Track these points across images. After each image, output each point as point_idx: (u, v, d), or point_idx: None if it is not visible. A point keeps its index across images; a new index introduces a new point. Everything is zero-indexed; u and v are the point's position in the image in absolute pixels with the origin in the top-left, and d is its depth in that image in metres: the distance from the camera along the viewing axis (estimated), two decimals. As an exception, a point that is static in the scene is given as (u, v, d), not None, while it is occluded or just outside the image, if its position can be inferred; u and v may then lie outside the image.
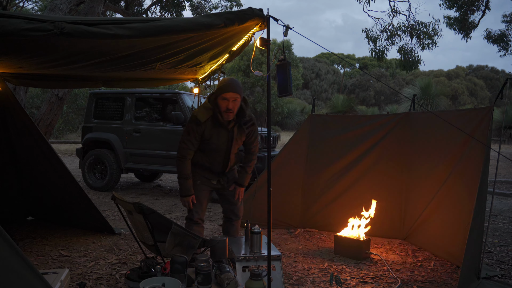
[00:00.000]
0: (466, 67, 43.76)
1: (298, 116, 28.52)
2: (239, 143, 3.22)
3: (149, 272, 2.64)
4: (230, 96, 2.95)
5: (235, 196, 3.34)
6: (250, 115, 3.21)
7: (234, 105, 2.98)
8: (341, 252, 3.96)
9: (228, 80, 3.05)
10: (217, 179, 3.28)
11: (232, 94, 2.95)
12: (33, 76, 3.82)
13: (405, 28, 9.04)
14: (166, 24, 2.24)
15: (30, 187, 4.73)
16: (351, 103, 23.96)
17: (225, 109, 2.97)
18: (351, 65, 43.54)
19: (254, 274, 2.55)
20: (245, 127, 3.16)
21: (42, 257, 3.69)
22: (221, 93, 2.96)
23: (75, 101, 18.57)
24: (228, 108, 2.96)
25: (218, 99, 2.99)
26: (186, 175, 3.12)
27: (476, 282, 3.02)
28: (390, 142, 4.63)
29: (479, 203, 3.05)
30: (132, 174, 8.87)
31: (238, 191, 3.34)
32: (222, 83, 3.03)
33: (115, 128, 7.34)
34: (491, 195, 3.57)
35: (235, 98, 2.97)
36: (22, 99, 6.50)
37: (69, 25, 2.07)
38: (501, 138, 3.82)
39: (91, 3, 6.69)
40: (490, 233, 4.85)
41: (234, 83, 3.01)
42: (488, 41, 11.98)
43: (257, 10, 2.42)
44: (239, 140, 3.20)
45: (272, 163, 4.80)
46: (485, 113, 3.46)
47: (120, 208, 3.21)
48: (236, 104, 3.00)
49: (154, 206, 6.05)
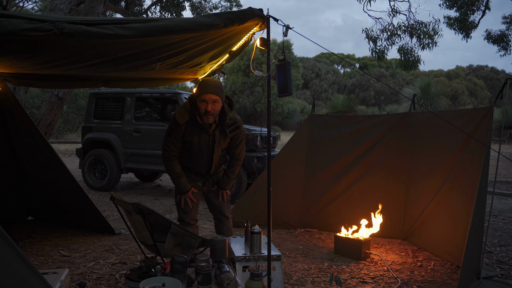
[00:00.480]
0: (466, 67, 43.77)
1: (298, 116, 28.51)
2: (222, 146, 3.13)
3: (149, 272, 2.64)
4: (208, 98, 2.82)
5: (218, 198, 3.30)
6: (234, 118, 3.10)
7: (213, 107, 2.85)
8: (341, 252, 3.96)
9: (208, 80, 2.93)
10: (202, 181, 3.25)
11: (211, 95, 2.82)
12: (33, 76, 3.82)
13: (405, 28, 9.04)
14: (166, 24, 2.23)
15: (30, 187, 4.73)
16: (351, 103, 23.95)
17: (204, 111, 2.85)
18: (351, 65, 43.55)
19: (254, 274, 2.54)
20: (228, 130, 3.05)
21: (42, 257, 3.69)
22: (200, 95, 2.85)
23: (75, 101, 18.57)
24: (207, 110, 2.84)
25: (197, 101, 2.88)
26: (178, 174, 3.08)
27: (476, 282, 3.02)
28: (390, 142, 4.63)
29: (479, 203, 3.05)
30: (132, 174, 8.87)
31: (220, 193, 3.30)
32: (202, 84, 2.90)
33: (115, 128, 7.34)
34: (491, 195, 3.57)
35: (214, 100, 2.84)
36: (22, 99, 6.50)
37: (69, 25, 2.07)
38: (501, 138, 3.82)
39: (91, 3, 6.69)
40: (490, 233, 4.85)
41: (213, 84, 2.87)
42: (488, 41, 11.98)
43: (257, 10, 2.42)
44: (222, 144, 3.10)
45: (272, 163, 4.80)
46: (485, 113, 3.46)
47: (119, 208, 3.21)
48: (215, 107, 2.87)
49: (154, 206, 6.05)
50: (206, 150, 3.08)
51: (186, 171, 3.19)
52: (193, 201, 3.19)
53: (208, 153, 3.10)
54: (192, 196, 3.17)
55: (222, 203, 3.33)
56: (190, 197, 3.16)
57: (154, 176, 8.77)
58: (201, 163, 3.17)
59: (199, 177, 3.24)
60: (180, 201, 3.18)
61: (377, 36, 9.18)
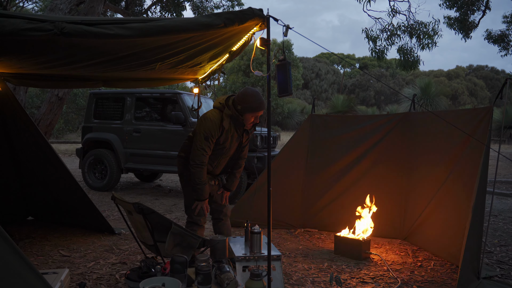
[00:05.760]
0: (466, 67, 43.77)
1: (298, 116, 28.51)
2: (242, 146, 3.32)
3: (149, 272, 2.64)
4: (262, 113, 3.04)
5: (222, 200, 3.38)
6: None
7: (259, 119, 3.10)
8: (341, 252, 3.96)
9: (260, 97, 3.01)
10: (214, 181, 3.32)
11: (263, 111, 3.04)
12: (33, 76, 3.82)
13: (405, 28, 9.03)
14: (166, 24, 2.24)
15: (30, 187, 4.73)
16: (351, 103, 23.93)
17: (252, 123, 3.07)
18: (351, 65, 43.55)
19: (254, 274, 2.55)
20: (250, 132, 3.25)
21: (42, 257, 3.69)
22: (257, 111, 2.99)
23: (75, 101, 18.57)
24: (256, 123, 3.08)
25: (249, 114, 3.00)
26: (204, 181, 3.10)
27: (476, 282, 3.01)
28: (390, 142, 4.63)
29: (478, 202, 3.05)
30: (132, 174, 8.87)
31: (225, 195, 3.39)
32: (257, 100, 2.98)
33: (115, 128, 7.34)
34: (491, 195, 3.57)
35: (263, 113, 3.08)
36: (22, 99, 6.50)
37: (69, 25, 2.07)
38: (501, 138, 3.82)
39: (91, 3, 6.69)
40: (490, 233, 4.85)
41: (264, 101, 3.01)
42: (489, 41, 11.99)
43: (257, 10, 2.42)
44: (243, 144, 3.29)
45: (272, 163, 4.80)
46: (485, 113, 3.46)
47: (120, 208, 3.21)
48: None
49: (154, 206, 6.05)
50: (233, 151, 3.23)
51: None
52: (208, 210, 3.24)
53: (232, 154, 3.25)
54: (207, 204, 3.21)
55: (225, 205, 3.42)
56: (206, 205, 3.19)
57: (154, 176, 8.77)
58: (221, 164, 3.27)
59: (213, 178, 3.31)
60: (196, 207, 3.17)
61: (377, 36, 9.19)
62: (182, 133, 6.64)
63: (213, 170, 3.26)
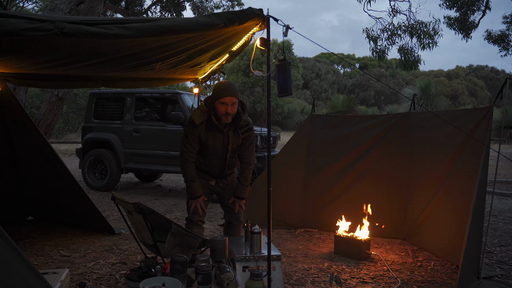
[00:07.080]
0: (466, 67, 43.74)
1: (298, 116, 28.51)
2: (234, 146, 3.21)
3: (149, 272, 2.64)
4: (228, 100, 2.95)
5: (235, 209, 3.34)
6: (247, 120, 3.20)
7: (232, 109, 2.99)
8: (341, 252, 3.96)
9: (226, 83, 3.03)
10: (215, 180, 3.29)
11: (231, 98, 2.96)
12: (33, 76, 3.82)
13: (406, 27, 9.03)
14: (166, 24, 2.24)
15: (30, 187, 4.73)
16: (351, 103, 23.94)
17: (224, 113, 2.98)
18: (351, 65, 43.54)
19: (254, 274, 2.54)
20: (240, 131, 3.15)
21: (42, 257, 3.69)
22: (220, 98, 2.96)
23: (75, 101, 18.56)
24: (227, 112, 2.97)
25: (216, 103, 2.99)
26: (192, 178, 3.13)
27: (476, 282, 3.01)
28: (390, 142, 4.63)
29: (478, 202, 3.05)
30: (132, 174, 8.87)
31: (237, 204, 3.34)
32: (219, 87, 3.01)
33: (115, 128, 7.34)
34: (491, 195, 3.57)
35: (233, 102, 2.98)
36: (22, 99, 6.50)
37: (69, 25, 2.07)
38: (501, 138, 3.82)
39: (91, 3, 6.69)
40: (490, 233, 4.85)
41: (232, 87, 3.00)
42: (489, 41, 11.99)
43: (257, 10, 2.42)
44: (234, 144, 3.19)
45: (272, 163, 4.80)
46: (485, 113, 3.46)
47: (120, 208, 3.21)
48: (234, 108, 3.01)
49: (154, 206, 6.05)
50: (220, 150, 3.16)
51: (199, 172, 3.23)
52: (203, 209, 3.22)
53: (221, 153, 3.18)
54: (202, 203, 3.20)
55: (240, 209, 3.37)
56: (201, 203, 3.19)
57: (154, 176, 8.77)
58: (214, 164, 3.23)
59: (212, 177, 3.29)
60: (191, 205, 3.19)
61: (377, 36, 9.19)
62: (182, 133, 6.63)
63: (208, 170, 3.25)
